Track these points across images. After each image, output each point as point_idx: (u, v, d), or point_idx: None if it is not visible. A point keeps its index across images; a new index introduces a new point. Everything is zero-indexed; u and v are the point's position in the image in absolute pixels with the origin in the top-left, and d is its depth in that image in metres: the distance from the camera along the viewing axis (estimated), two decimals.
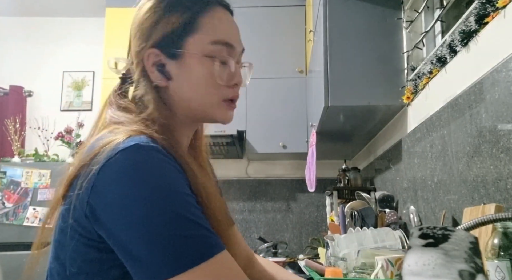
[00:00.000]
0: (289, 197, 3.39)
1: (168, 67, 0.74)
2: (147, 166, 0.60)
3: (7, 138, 3.34)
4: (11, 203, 2.91)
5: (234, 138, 2.94)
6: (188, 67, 0.74)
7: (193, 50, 0.73)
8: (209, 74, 0.74)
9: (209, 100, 0.75)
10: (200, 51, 0.73)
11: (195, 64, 0.73)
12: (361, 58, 1.95)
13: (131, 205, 0.58)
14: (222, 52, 0.75)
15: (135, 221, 0.58)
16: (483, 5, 1.19)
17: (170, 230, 0.58)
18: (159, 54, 0.74)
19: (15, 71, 3.73)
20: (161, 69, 0.74)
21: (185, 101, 0.75)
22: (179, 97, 0.75)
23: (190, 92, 0.75)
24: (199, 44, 0.73)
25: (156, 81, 0.74)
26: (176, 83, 0.75)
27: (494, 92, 1.14)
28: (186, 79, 0.74)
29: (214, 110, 0.76)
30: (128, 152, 0.61)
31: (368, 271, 1.31)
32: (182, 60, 0.74)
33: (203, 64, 0.73)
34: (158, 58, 0.74)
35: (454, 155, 1.40)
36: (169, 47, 0.74)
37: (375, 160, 2.56)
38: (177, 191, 0.61)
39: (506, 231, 0.78)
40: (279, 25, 3.21)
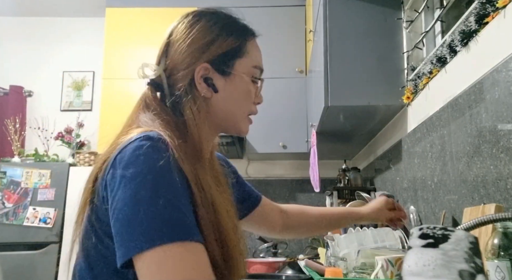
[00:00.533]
0: (289, 197, 3.39)
1: (215, 81, 0.85)
2: (150, 152, 0.67)
3: (7, 138, 3.34)
4: (11, 203, 2.90)
5: (234, 138, 2.94)
6: (234, 84, 0.86)
7: (241, 70, 0.86)
8: (249, 93, 0.88)
9: (242, 114, 0.89)
10: (246, 72, 0.87)
11: (241, 82, 0.87)
12: (361, 58, 1.94)
13: (124, 184, 0.65)
14: (258, 75, 0.90)
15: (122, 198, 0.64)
16: (483, 5, 1.19)
17: (148, 209, 0.62)
18: (209, 69, 0.84)
19: (15, 71, 3.73)
20: (207, 81, 0.84)
21: (224, 112, 0.86)
22: (219, 108, 0.86)
23: (231, 105, 0.86)
24: (245, 66, 0.87)
25: (203, 92, 0.83)
26: (221, 96, 0.85)
27: (494, 92, 1.14)
28: (230, 93, 0.86)
29: (242, 122, 0.89)
30: (139, 141, 0.69)
31: (368, 271, 1.31)
32: (230, 77, 0.86)
33: (247, 84, 0.87)
34: (207, 72, 0.84)
35: (454, 155, 1.40)
36: (220, 65, 0.85)
37: (375, 160, 2.56)
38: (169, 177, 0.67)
39: (506, 231, 0.78)
40: (279, 25, 3.21)
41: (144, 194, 0.63)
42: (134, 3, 3.28)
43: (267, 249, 2.88)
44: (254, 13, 3.17)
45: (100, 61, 3.31)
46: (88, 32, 3.77)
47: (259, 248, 2.92)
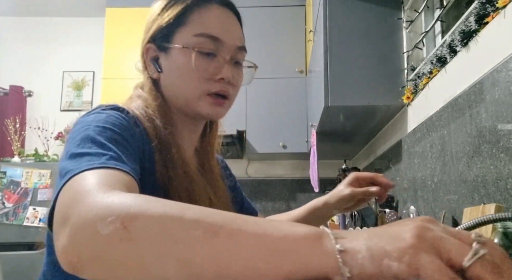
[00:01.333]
0: (289, 197, 3.39)
1: (160, 60, 0.78)
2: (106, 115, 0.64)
3: (7, 138, 3.34)
4: (11, 203, 2.91)
5: (234, 138, 2.94)
6: (173, 59, 0.76)
7: (179, 42, 0.75)
8: (189, 66, 0.74)
9: (191, 93, 0.76)
10: (184, 43, 0.75)
11: (178, 55, 0.75)
12: (361, 58, 1.94)
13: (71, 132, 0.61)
14: (206, 45, 0.75)
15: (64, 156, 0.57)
16: (483, 5, 1.19)
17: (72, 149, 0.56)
18: (154, 49, 0.78)
19: (15, 71, 3.73)
20: (155, 62, 0.78)
21: (173, 93, 0.78)
22: (168, 90, 0.78)
23: (175, 84, 0.77)
24: (184, 36, 0.75)
25: (150, 73, 0.79)
26: (165, 75, 0.78)
27: (494, 92, 1.14)
28: (171, 71, 0.77)
29: (197, 103, 0.76)
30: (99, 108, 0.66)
31: None
32: (169, 52, 0.76)
33: (184, 56, 0.75)
34: (154, 53, 0.78)
35: (454, 155, 1.40)
36: (161, 41, 0.77)
37: (375, 160, 2.56)
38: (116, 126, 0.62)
39: (506, 231, 0.78)
40: (279, 25, 3.21)
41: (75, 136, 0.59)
42: (134, 3, 3.28)
43: None
44: (254, 13, 3.18)
45: (100, 61, 3.31)
46: (88, 32, 3.77)
47: None
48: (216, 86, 0.76)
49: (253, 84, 2.87)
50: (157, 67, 0.78)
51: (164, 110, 0.76)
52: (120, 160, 0.55)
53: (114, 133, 0.61)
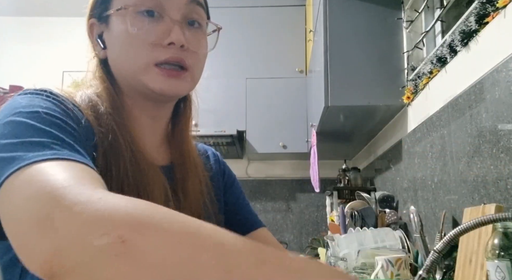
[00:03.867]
0: (289, 197, 3.39)
1: (104, 35, 0.67)
2: (28, 98, 0.52)
3: None
4: None
5: (234, 138, 2.94)
6: (114, 28, 0.65)
7: (118, 6, 0.63)
8: (126, 31, 0.62)
9: (136, 65, 0.63)
10: (125, 5, 0.63)
11: (116, 23, 0.64)
12: (361, 58, 1.94)
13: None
14: (145, 2, 0.62)
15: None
16: (483, 5, 1.19)
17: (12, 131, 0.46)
18: (96, 24, 0.68)
19: (15, 71, 3.73)
20: (99, 39, 0.67)
21: (120, 71, 0.66)
22: (115, 68, 0.66)
23: (119, 58, 0.65)
24: (120, 1, 0.64)
25: (96, 52, 0.68)
26: (110, 51, 0.66)
27: (494, 92, 1.14)
28: (113, 44, 0.65)
29: (144, 77, 0.63)
30: (23, 92, 0.55)
31: (368, 271, 1.31)
32: (109, 22, 0.65)
33: (122, 21, 0.63)
34: (99, 29, 0.68)
35: (454, 155, 1.40)
36: (100, 13, 0.66)
37: (375, 160, 2.56)
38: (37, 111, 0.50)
39: (506, 231, 0.78)
40: (279, 25, 3.21)
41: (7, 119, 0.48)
42: None
43: None
44: (254, 13, 3.18)
45: None
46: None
47: None
48: (166, 52, 0.62)
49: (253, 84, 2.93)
50: (100, 44, 0.67)
51: (111, 93, 0.64)
52: (74, 149, 0.46)
53: (52, 117, 0.50)
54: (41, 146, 0.44)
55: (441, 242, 0.69)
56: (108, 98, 0.63)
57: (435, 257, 0.68)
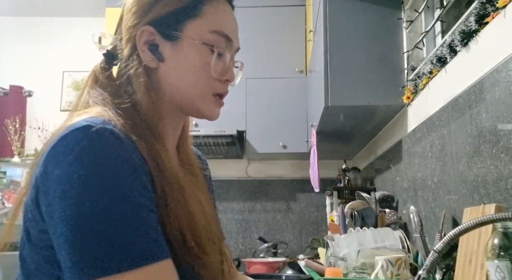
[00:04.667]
0: (289, 197, 3.39)
1: (161, 48, 0.70)
2: (96, 150, 0.54)
3: (7, 138, 3.34)
4: (11, 203, 2.90)
5: (234, 138, 2.94)
6: (183, 52, 0.70)
7: (192, 35, 0.70)
8: (204, 63, 0.71)
9: (198, 90, 0.72)
10: (199, 37, 0.70)
11: (191, 49, 0.70)
12: (361, 58, 1.94)
13: (68, 193, 0.52)
14: (220, 44, 0.72)
15: (67, 212, 0.52)
16: (483, 5, 1.19)
17: (100, 229, 0.51)
18: (153, 33, 0.70)
19: (15, 71, 3.73)
20: (153, 49, 0.70)
21: (174, 86, 0.71)
22: (167, 82, 0.71)
23: (181, 78, 0.71)
24: (199, 30, 0.71)
25: (146, 60, 0.70)
26: (168, 66, 0.71)
27: (494, 92, 1.14)
28: (179, 63, 0.71)
29: (202, 102, 0.73)
30: (77, 132, 0.55)
31: (368, 271, 1.31)
32: (178, 43, 0.70)
33: (200, 52, 0.71)
34: (152, 37, 0.70)
35: (454, 155, 1.40)
36: (166, 28, 0.70)
37: (375, 160, 2.56)
38: (122, 185, 0.54)
39: (506, 231, 0.78)
40: (279, 25, 3.21)
41: (94, 207, 0.51)
42: None
43: (267, 249, 2.88)
44: (254, 13, 3.17)
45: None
46: (88, 32, 3.76)
47: (259, 248, 2.92)
48: (222, 87, 0.74)
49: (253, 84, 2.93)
50: (157, 55, 0.70)
51: (156, 107, 0.69)
52: (160, 240, 0.56)
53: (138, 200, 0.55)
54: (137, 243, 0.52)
55: (441, 242, 0.69)
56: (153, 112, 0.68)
57: (435, 257, 0.68)
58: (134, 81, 0.69)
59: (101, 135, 0.55)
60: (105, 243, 0.51)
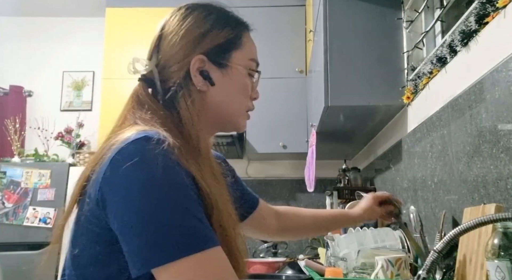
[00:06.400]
0: (289, 197, 3.39)
1: (211, 74, 0.82)
2: (153, 156, 0.64)
3: (7, 138, 3.34)
4: (11, 203, 2.91)
5: (234, 138, 2.94)
6: (231, 77, 0.84)
7: (238, 63, 0.85)
8: (246, 86, 0.86)
9: (240, 108, 0.87)
10: (243, 65, 0.85)
11: (238, 75, 0.85)
12: (361, 58, 1.94)
13: (133, 191, 0.62)
14: (254, 68, 0.88)
15: (133, 207, 0.61)
16: (483, 5, 1.19)
17: (164, 219, 0.60)
18: (205, 61, 0.81)
19: (15, 71, 3.73)
20: (204, 74, 0.81)
21: (221, 106, 0.84)
22: (215, 102, 0.83)
23: (227, 99, 0.84)
24: (242, 58, 0.85)
25: (198, 85, 0.81)
26: (217, 89, 0.83)
27: (494, 92, 1.14)
28: (227, 87, 0.84)
29: (240, 118, 0.88)
30: (138, 142, 0.65)
31: (368, 271, 1.31)
32: (227, 70, 0.84)
33: (244, 77, 0.86)
34: (202, 64, 0.81)
35: (454, 155, 1.40)
36: (216, 57, 0.82)
37: (375, 160, 2.56)
38: (178, 182, 0.64)
39: (506, 231, 0.78)
40: (279, 25, 3.21)
41: (157, 201, 0.61)
42: (134, 3, 3.28)
43: (267, 249, 2.88)
44: (254, 13, 3.16)
45: (100, 61, 3.31)
46: (88, 32, 3.77)
47: (259, 248, 2.92)
48: (251, 103, 0.90)
49: None
50: (208, 80, 0.82)
51: (200, 125, 0.79)
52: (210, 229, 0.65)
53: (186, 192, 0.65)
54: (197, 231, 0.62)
55: (441, 242, 0.69)
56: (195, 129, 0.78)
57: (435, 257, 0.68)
58: (182, 102, 0.79)
59: (158, 145, 0.65)
60: (170, 230, 0.60)
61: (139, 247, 0.60)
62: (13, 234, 2.84)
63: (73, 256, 0.70)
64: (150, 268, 0.60)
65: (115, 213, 0.63)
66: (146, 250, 0.59)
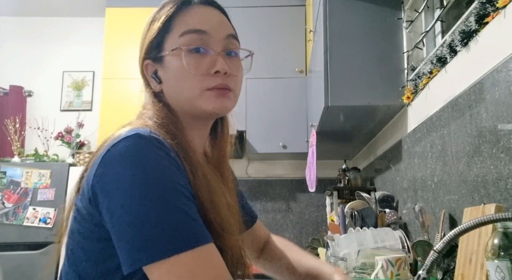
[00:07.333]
0: (289, 197, 3.39)
1: (158, 72, 0.79)
2: (145, 152, 0.63)
3: (7, 138, 3.34)
4: (11, 203, 2.90)
5: (234, 138, 2.94)
6: (167, 66, 0.77)
7: (170, 48, 0.76)
8: (186, 66, 0.74)
9: (191, 93, 0.75)
10: (176, 46, 0.75)
11: (171, 61, 0.76)
12: (361, 58, 1.94)
13: (124, 188, 0.61)
14: (193, 42, 0.75)
15: (123, 204, 0.60)
16: (483, 5, 1.19)
17: (155, 216, 0.59)
18: (151, 63, 0.79)
19: (15, 71, 3.73)
20: (154, 76, 0.79)
21: (176, 100, 0.78)
22: (171, 98, 0.79)
23: (175, 89, 0.77)
24: (172, 41, 0.76)
25: (154, 88, 0.80)
26: (166, 85, 0.79)
27: (494, 92, 1.14)
28: (169, 78, 0.78)
29: (199, 101, 0.76)
30: (130, 139, 0.64)
31: (368, 271, 1.31)
32: (164, 61, 0.78)
33: (176, 59, 0.76)
34: (153, 67, 0.79)
35: (454, 155, 1.40)
36: (154, 53, 0.79)
37: (375, 160, 2.56)
38: (169, 179, 0.63)
39: (506, 231, 0.78)
40: (279, 25, 3.21)
41: (148, 198, 0.60)
42: (134, 3, 3.28)
43: None
44: (254, 13, 3.18)
45: (100, 61, 3.31)
46: (88, 32, 3.77)
47: None
48: (215, 80, 0.75)
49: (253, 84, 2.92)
50: (157, 80, 0.79)
51: (172, 119, 0.77)
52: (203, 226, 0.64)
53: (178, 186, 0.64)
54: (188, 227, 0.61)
55: (441, 242, 0.69)
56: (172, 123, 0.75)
57: (435, 257, 0.68)
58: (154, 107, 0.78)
59: (150, 141, 0.64)
60: (162, 227, 0.59)
61: (130, 244, 0.59)
62: (13, 234, 2.83)
63: (69, 253, 0.71)
64: (140, 265, 0.59)
65: (106, 210, 0.62)
66: (137, 247, 0.59)
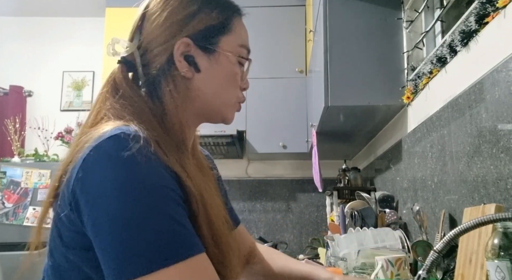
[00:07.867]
0: (289, 197, 3.39)
1: (197, 59, 0.74)
2: (130, 155, 0.57)
3: (7, 138, 3.34)
4: (11, 203, 2.91)
5: (234, 138, 2.94)
6: (219, 63, 0.76)
7: (227, 49, 0.76)
8: (235, 74, 0.78)
9: (229, 99, 0.78)
10: (232, 51, 0.77)
11: (226, 62, 0.76)
12: (361, 58, 1.94)
13: (107, 194, 0.55)
14: (245, 56, 0.80)
15: (106, 211, 0.55)
16: (483, 5, 1.19)
17: (141, 225, 0.54)
18: (190, 45, 0.74)
19: (15, 71, 3.73)
20: (190, 60, 0.74)
21: (207, 95, 0.76)
22: (201, 91, 0.75)
23: (216, 87, 0.76)
24: (231, 44, 0.77)
25: (183, 71, 0.73)
26: (204, 76, 0.75)
27: (494, 92, 1.14)
28: (215, 74, 0.76)
29: (229, 109, 0.79)
30: (113, 140, 0.59)
31: (368, 271, 1.31)
32: (214, 55, 0.75)
33: (233, 64, 0.77)
34: (188, 49, 0.74)
35: (454, 155, 1.40)
36: (203, 41, 0.75)
37: (375, 160, 2.56)
38: (157, 183, 0.58)
39: (506, 231, 0.78)
40: (279, 25, 3.21)
41: (134, 204, 0.55)
42: (134, 3, 3.26)
43: None
44: (254, 13, 3.16)
45: (100, 61, 3.31)
46: (88, 32, 3.77)
47: None
48: (242, 94, 0.81)
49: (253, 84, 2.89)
50: (195, 66, 0.74)
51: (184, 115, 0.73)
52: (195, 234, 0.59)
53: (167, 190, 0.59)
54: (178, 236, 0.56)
55: (441, 242, 0.69)
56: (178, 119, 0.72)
57: (435, 257, 0.68)
58: (165, 89, 0.72)
59: (135, 142, 0.59)
60: (149, 237, 0.53)
61: (114, 255, 0.53)
62: (13, 234, 2.83)
63: (51, 261, 0.67)
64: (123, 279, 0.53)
65: (87, 217, 0.57)
66: (122, 259, 0.53)
